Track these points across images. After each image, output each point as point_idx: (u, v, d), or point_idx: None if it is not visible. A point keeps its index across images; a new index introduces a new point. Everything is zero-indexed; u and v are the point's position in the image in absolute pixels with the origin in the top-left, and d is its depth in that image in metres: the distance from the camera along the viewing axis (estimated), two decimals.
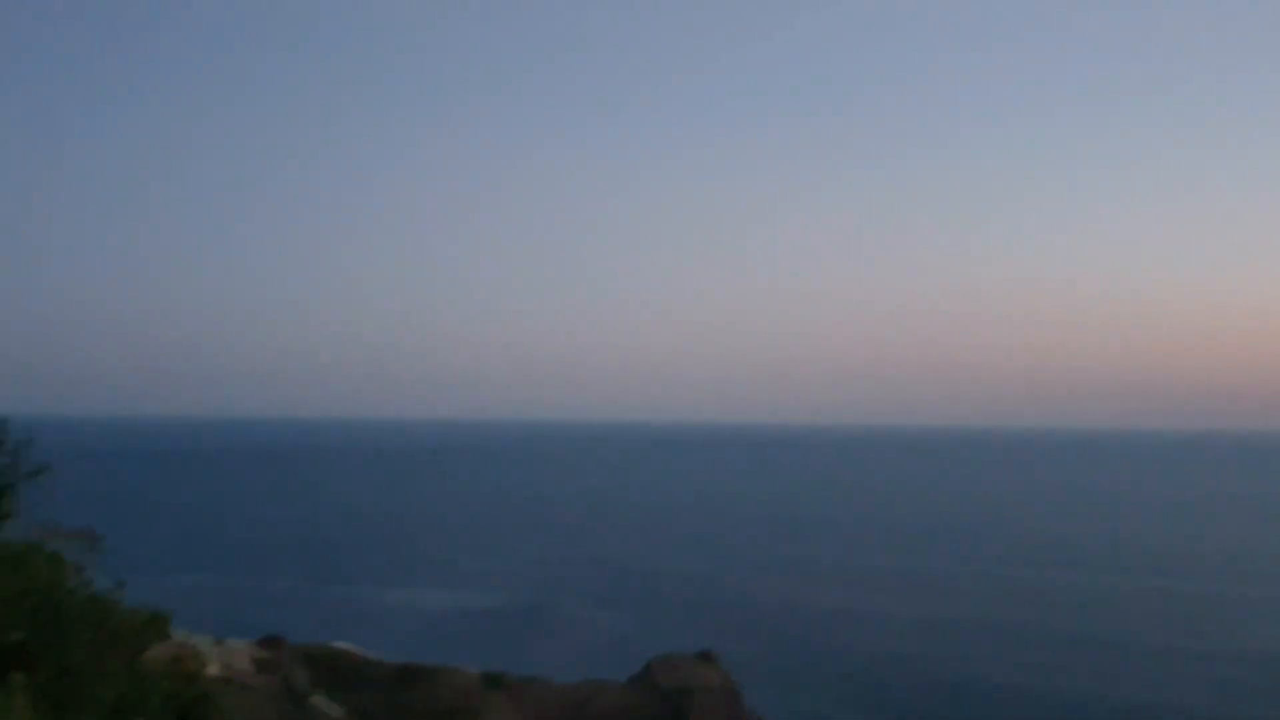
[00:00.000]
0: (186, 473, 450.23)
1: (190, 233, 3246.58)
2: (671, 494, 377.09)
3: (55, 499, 16.02)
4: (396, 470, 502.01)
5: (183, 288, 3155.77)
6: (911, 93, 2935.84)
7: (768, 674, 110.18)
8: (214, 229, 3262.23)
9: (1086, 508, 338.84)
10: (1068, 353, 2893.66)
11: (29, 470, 15.67)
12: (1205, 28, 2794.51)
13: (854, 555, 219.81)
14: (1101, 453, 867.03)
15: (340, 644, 73.89)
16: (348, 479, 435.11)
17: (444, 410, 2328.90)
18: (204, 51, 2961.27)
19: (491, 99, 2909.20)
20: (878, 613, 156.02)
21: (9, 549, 15.52)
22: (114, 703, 15.25)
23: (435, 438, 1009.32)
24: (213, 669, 58.96)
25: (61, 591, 15.77)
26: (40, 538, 15.95)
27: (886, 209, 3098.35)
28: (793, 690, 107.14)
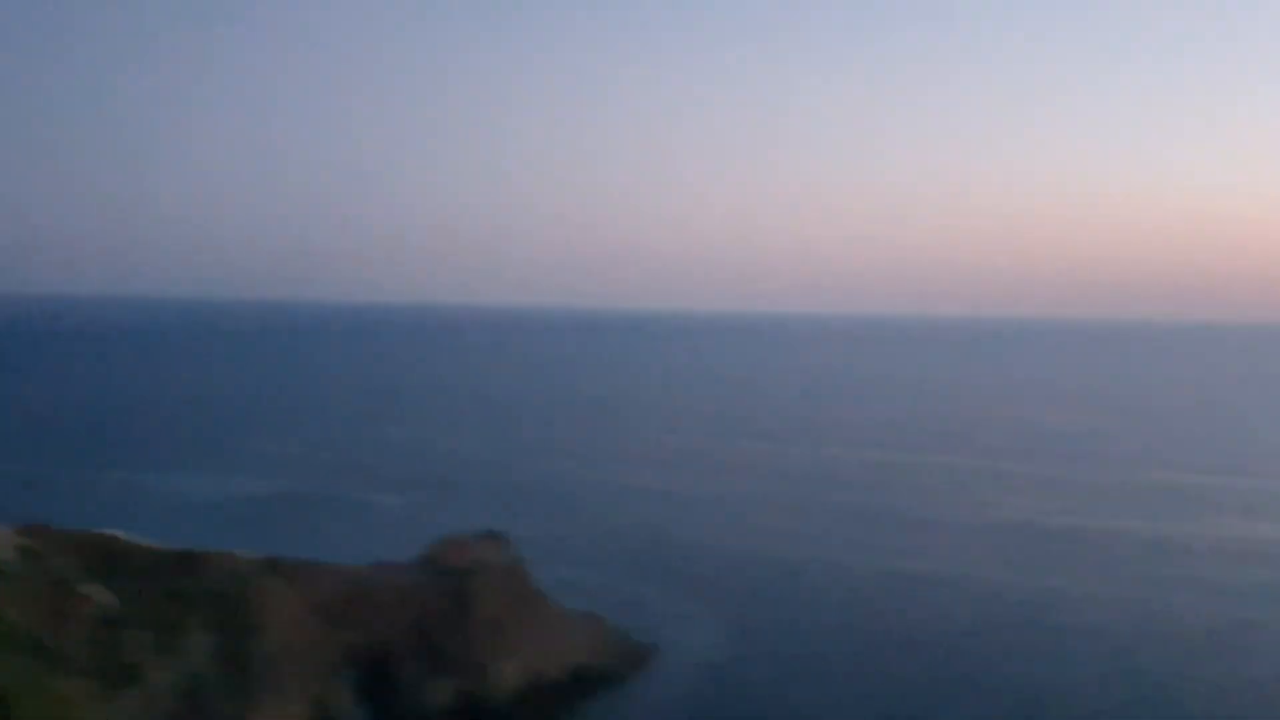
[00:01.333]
0: None
1: None
2: (477, 380, 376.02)
3: None
4: (191, 353, 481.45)
5: None
6: None
7: (557, 551, 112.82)
8: None
9: (885, 391, 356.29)
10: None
11: None
12: None
13: (640, 436, 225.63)
14: (899, 339, 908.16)
15: (111, 531, 71.33)
16: (131, 361, 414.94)
17: (261, 290, 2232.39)
18: None
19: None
20: (667, 491, 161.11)
21: None
22: None
23: (244, 319, 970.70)
24: None
25: None
26: None
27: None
28: (581, 565, 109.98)
